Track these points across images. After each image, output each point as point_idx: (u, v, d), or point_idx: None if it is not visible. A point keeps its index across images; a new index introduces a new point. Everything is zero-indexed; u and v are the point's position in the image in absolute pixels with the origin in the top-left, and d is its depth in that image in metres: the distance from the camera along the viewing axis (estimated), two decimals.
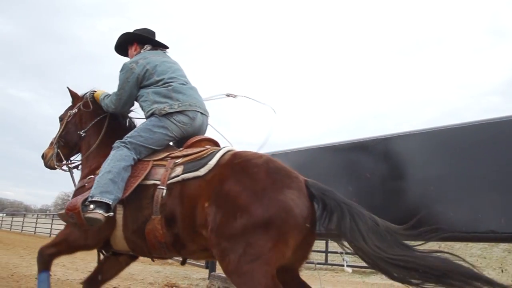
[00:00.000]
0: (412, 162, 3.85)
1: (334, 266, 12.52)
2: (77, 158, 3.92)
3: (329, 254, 12.97)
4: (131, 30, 3.81)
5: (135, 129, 3.38)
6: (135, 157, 3.13)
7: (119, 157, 3.06)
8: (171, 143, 3.47)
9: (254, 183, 2.54)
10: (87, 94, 3.88)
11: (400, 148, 3.98)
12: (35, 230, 31.15)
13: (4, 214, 52.28)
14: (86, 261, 10.45)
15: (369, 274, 11.34)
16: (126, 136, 3.23)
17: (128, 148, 3.12)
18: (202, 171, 2.78)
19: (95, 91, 3.85)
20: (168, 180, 2.89)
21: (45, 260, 3.26)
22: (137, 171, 3.07)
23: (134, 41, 3.79)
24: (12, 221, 39.10)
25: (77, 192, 3.23)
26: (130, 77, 3.44)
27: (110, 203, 2.87)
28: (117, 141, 3.22)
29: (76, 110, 3.85)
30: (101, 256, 3.46)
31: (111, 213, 2.90)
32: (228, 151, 2.92)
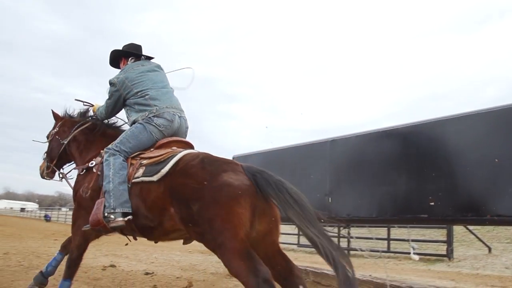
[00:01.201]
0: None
1: (397, 254, 12.34)
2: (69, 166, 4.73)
3: (391, 242, 12.80)
4: (121, 47, 4.40)
5: (124, 135, 3.87)
6: (125, 161, 3.69)
7: (119, 166, 3.60)
8: None
9: (195, 179, 3.03)
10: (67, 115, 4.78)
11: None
12: None
13: (68, 209, 54.42)
14: (148, 253, 10.76)
15: (435, 262, 11.12)
16: (118, 143, 3.78)
17: (121, 155, 3.68)
18: (155, 178, 3.31)
19: (93, 105, 4.68)
20: (133, 179, 3.48)
21: (70, 268, 4.02)
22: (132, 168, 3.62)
23: (122, 56, 4.41)
24: (67, 213, 40.65)
25: (79, 183, 4.00)
26: (114, 91, 4.11)
27: (131, 211, 3.43)
28: (112, 147, 3.76)
29: (57, 129, 4.69)
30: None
31: (130, 216, 3.41)
32: (178, 160, 3.35)
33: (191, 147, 3.99)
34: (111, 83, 4.12)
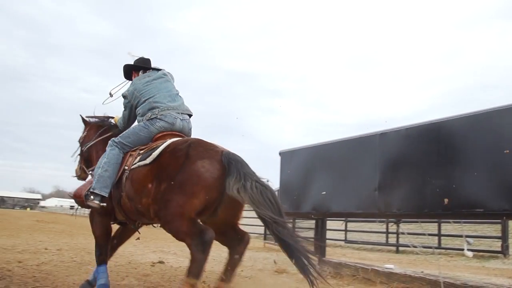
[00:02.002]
0: None
1: (448, 250, 12.06)
2: None
3: (442, 238, 12.52)
4: (132, 62, 4.90)
5: (128, 130, 4.41)
6: (122, 153, 4.15)
7: (112, 156, 4.09)
8: None
9: (177, 161, 3.44)
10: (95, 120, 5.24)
11: None
12: None
13: None
14: None
15: (489, 258, 10.81)
16: (120, 136, 4.28)
17: (118, 148, 4.16)
18: (148, 161, 3.72)
19: (114, 117, 5.12)
20: (131, 166, 3.90)
21: (100, 255, 4.38)
22: (123, 161, 4.10)
23: (133, 70, 4.89)
24: None
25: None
26: (126, 103, 4.62)
27: (106, 196, 3.93)
28: (112, 139, 4.27)
29: (85, 133, 5.18)
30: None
31: (105, 204, 3.92)
32: (170, 143, 3.75)
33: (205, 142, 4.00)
34: (124, 96, 4.64)
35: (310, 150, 7.11)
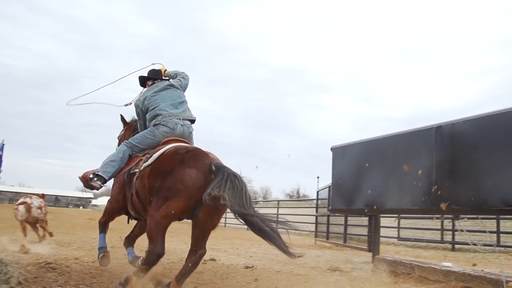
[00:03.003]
0: None
1: (508, 248, 11.67)
2: None
3: (501, 235, 12.11)
4: (145, 74, 5.69)
5: (138, 134, 5.10)
6: (130, 152, 4.90)
7: (120, 151, 4.89)
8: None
9: (170, 165, 3.99)
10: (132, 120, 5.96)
11: None
12: None
13: None
14: (246, 247, 10.90)
15: None
16: (131, 138, 5.08)
17: (127, 146, 4.92)
18: (149, 162, 4.30)
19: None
20: (141, 168, 4.41)
21: (101, 225, 5.33)
22: (130, 163, 4.81)
23: (146, 81, 5.65)
24: None
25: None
26: (138, 112, 5.39)
27: (107, 178, 4.69)
28: (125, 140, 5.08)
29: (123, 132, 6.00)
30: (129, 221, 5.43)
31: (105, 185, 4.77)
32: (172, 147, 4.36)
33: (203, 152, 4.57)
34: (136, 105, 5.43)
35: (363, 145, 7.00)
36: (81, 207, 76.89)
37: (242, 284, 5.34)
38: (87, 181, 4.79)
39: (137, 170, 4.53)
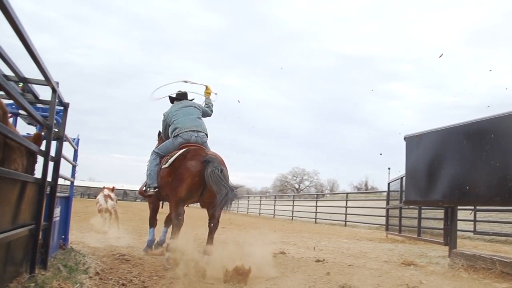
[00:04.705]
0: None
1: None
2: None
3: None
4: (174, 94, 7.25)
5: (162, 144, 6.76)
6: (158, 158, 6.51)
7: (152, 161, 6.52)
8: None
9: (180, 160, 5.84)
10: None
11: None
12: (259, 211, 33.55)
13: None
14: (316, 240, 10.88)
15: None
16: (157, 148, 6.76)
17: (156, 154, 6.56)
18: (167, 164, 6.00)
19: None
20: (162, 166, 6.23)
21: (150, 222, 7.18)
22: (161, 162, 6.38)
23: (174, 100, 7.16)
24: (238, 204, 42.80)
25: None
26: (163, 121, 6.98)
27: (155, 185, 6.34)
28: (153, 150, 6.71)
29: (158, 142, 7.63)
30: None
31: (156, 189, 6.33)
32: (179, 152, 5.99)
33: (202, 149, 6.28)
34: (163, 118, 6.96)
35: (440, 133, 6.76)
36: None
37: (313, 277, 5.32)
38: (144, 194, 6.77)
39: (159, 168, 6.38)
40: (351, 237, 12.78)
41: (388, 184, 14.30)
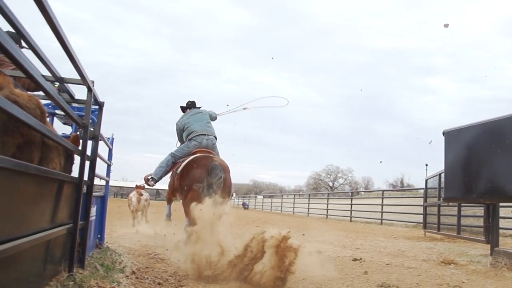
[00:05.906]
0: None
1: None
2: None
3: None
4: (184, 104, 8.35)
5: (179, 147, 7.75)
6: (173, 160, 7.59)
7: (166, 160, 7.61)
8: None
9: (188, 167, 6.85)
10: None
11: None
12: (293, 210, 33.48)
13: (262, 196, 57.48)
14: (352, 239, 10.82)
15: None
16: (174, 150, 7.72)
17: (171, 155, 7.62)
18: (179, 170, 7.05)
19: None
20: (176, 170, 7.28)
21: (167, 199, 8.64)
22: (174, 166, 7.55)
23: (185, 108, 8.21)
24: (271, 202, 42.88)
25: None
26: (177, 129, 8.01)
27: (157, 179, 7.55)
28: (170, 152, 7.66)
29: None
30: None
31: (157, 182, 7.65)
32: (190, 158, 7.04)
33: (211, 153, 7.34)
34: (176, 124, 8.01)
35: (481, 128, 6.59)
36: (180, 200, 79.40)
37: (351, 276, 5.30)
38: (147, 181, 7.66)
39: (173, 171, 7.60)
40: (388, 235, 12.66)
41: (426, 181, 14.10)
